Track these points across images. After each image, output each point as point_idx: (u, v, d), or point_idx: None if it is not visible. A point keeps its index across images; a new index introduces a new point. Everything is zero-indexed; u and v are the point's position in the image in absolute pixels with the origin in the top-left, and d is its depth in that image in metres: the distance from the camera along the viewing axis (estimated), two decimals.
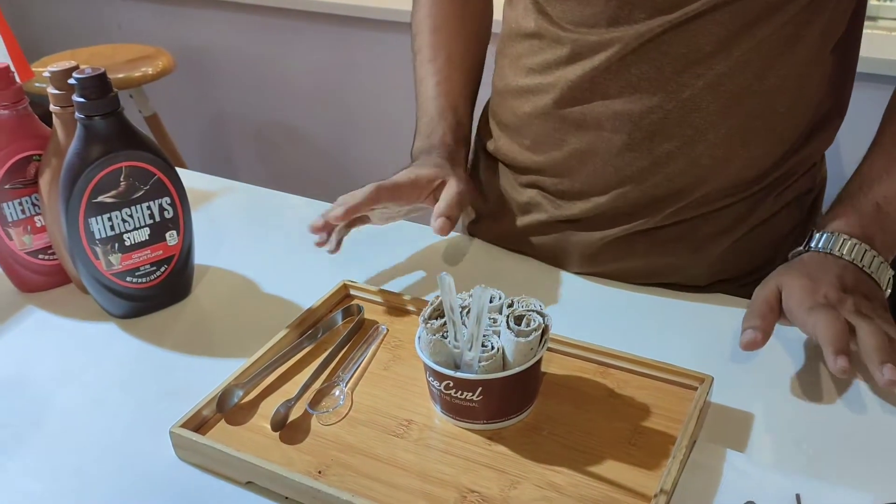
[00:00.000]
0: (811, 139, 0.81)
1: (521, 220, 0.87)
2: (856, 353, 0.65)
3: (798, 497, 0.56)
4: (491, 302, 0.65)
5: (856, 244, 0.71)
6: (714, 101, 0.74)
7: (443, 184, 0.82)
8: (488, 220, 0.93)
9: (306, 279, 0.84)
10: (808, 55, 0.75)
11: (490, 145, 0.92)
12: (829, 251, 0.72)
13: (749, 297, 0.75)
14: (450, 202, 0.80)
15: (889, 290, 0.73)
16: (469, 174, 0.95)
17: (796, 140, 0.80)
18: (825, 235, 0.73)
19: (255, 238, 0.95)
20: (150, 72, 2.20)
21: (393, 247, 0.91)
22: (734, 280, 0.84)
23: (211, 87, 2.67)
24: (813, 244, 0.74)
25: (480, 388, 0.60)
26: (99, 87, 0.71)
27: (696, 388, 0.65)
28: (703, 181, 0.78)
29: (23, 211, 0.81)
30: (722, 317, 0.77)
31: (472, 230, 0.96)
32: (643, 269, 0.82)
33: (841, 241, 0.72)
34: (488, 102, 0.94)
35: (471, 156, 0.98)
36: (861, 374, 0.68)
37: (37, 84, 2.00)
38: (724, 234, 0.81)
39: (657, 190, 0.79)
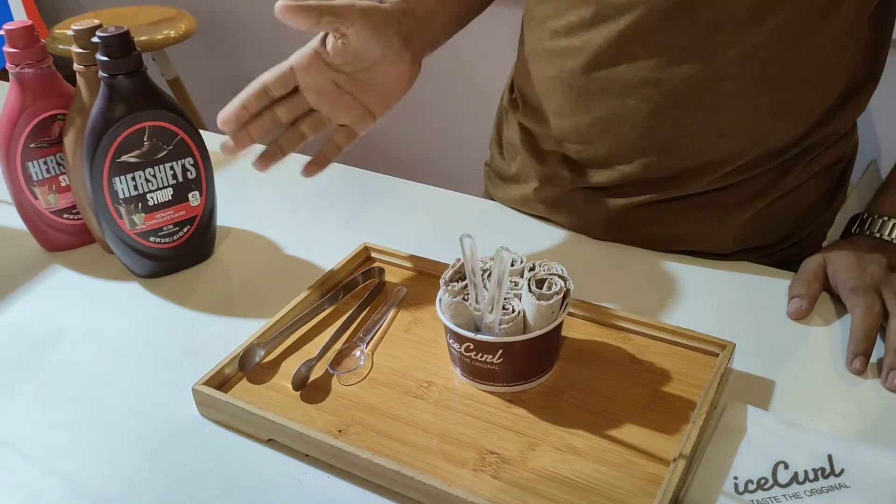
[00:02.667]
0: (842, 108, 0.79)
1: (545, 187, 0.87)
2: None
3: (830, 457, 0.56)
4: (512, 265, 0.64)
5: None
6: (744, 70, 0.73)
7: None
8: (512, 183, 0.92)
9: (327, 241, 0.85)
10: (844, 24, 0.73)
11: (513, 109, 0.91)
12: (879, 235, 0.74)
13: (775, 265, 0.74)
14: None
15: None
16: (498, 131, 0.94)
17: (828, 110, 0.78)
18: (876, 219, 0.74)
19: (276, 200, 0.95)
20: (173, 34, 2.20)
21: (413, 210, 0.91)
22: (760, 249, 0.83)
23: (232, 50, 2.66)
24: (864, 228, 0.75)
25: (501, 351, 0.61)
26: (122, 46, 0.71)
27: (717, 355, 0.65)
28: (729, 152, 0.77)
29: (48, 170, 0.81)
30: (745, 284, 0.77)
31: (496, 194, 0.95)
32: (667, 236, 0.81)
33: (891, 226, 0.74)
34: (514, 70, 0.93)
35: (495, 119, 0.97)
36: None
37: (60, 46, 2.01)
38: (749, 203, 0.80)
39: (683, 160, 0.78)
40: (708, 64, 0.73)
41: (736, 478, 0.55)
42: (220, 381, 0.64)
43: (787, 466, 0.56)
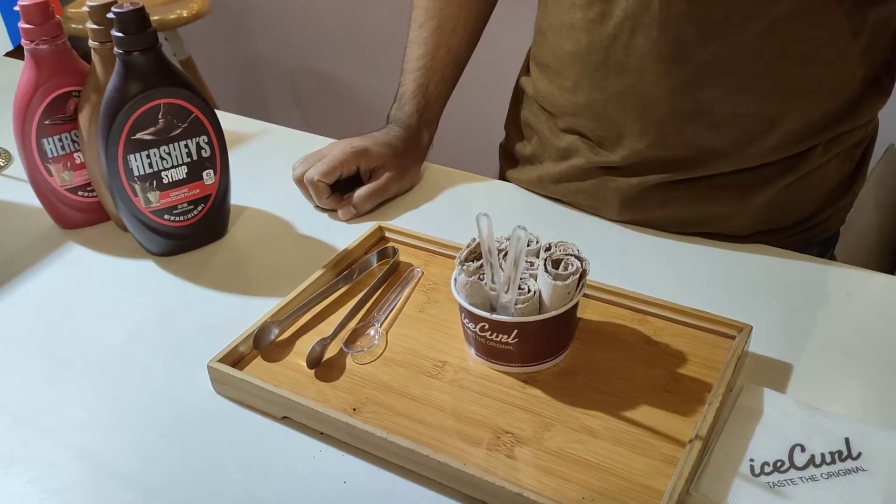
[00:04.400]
0: (862, 100, 0.78)
1: (560, 166, 0.86)
2: None
3: (847, 441, 0.55)
4: (528, 246, 0.64)
5: None
6: (763, 47, 0.72)
7: (379, 169, 0.87)
8: (527, 164, 0.92)
9: (340, 221, 0.84)
10: (860, 7, 0.72)
11: (529, 88, 0.90)
12: None
13: (793, 248, 0.73)
14: (369, 194, 0.86)
15: None
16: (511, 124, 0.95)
17: (847, 97, 0.77)
18: None
19: (290, 180, 0.94)
20: (185, 14, 2.19)
21: (427, 191, 0.91)
22: (778, 231, 0.82)
23: (245, 30, 2.65)
24: None
25: (516, 331, 0.60)
26: (137, 22, 0.70)
27: (734, 337, 0.64)
28: (746, 131, 0.76)
29: (62, 147, 0.81)
30: (762, 266, 0.76)
31: (510, 175, 0.95)
32: (684, 217, 0.81)
33: None
34: (531, 48, 0.92)
35: (511, 100, 0.96)
36: None
37: (72, 25, 2.00)
38: (768, 184, 0.79)
39: (700, 139, 0.77)
40: (727, 40, 0.72)
41: (752, 460, 0.55)
42: (235, 359, 0.65)
43: (803, 449, 0.55)
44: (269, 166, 0.97)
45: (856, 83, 0.77)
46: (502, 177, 0.98)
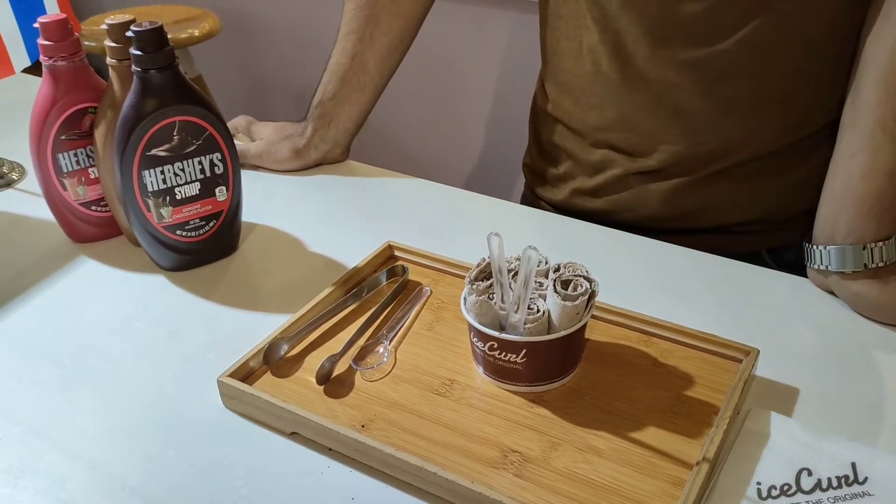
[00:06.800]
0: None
1: (596, 178, 0.87)
2: None
3: (854, 465, 0.56)
4: (537, 266, 0.65)
5: None
6: (780, 37, 0.74)
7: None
8: (560, 183, 0.93)
9: (351, 239, 0.85)
10: None
11: (550, 109, 0.91)
12: None
13: (803, 239, 0.76)
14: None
15: None
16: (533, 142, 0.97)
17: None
18: None
19: (300, 198, 0.96)
20: (197, 34, 2.21)
21: (436, 210, 0.92)
22: (810, 212, 0.84)
23: (254, 51, 2.67)
24: None
25: (525, 350, 0.61)
26: (156, 41, 0.72)
27: (741, 361, 0.65)
28: (772, 118, 0.79)
29: (77, 162, 0.82)
30: (770, 287, 0.76)
31: (541, 194, 0.96)
32: (722, 205, 0.84)
33: None
34: (543, 70, 0.93)
35: (529, 123, 0.98)
36: None
37: (86, 42, 2.02)
38: (800, 165, 0.82)
39: (730, 131, 0.80)
40: (744, 37, 0.74)
41: (759, 483, 0.55)
42: (245, 374, 0.65)
43: (810, 473, 0.55)
44: (279, 184, 0.98)
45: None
46: (531, 195, 0.99)
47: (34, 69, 1.14)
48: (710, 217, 0.85)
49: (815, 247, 0.75)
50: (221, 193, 0.80)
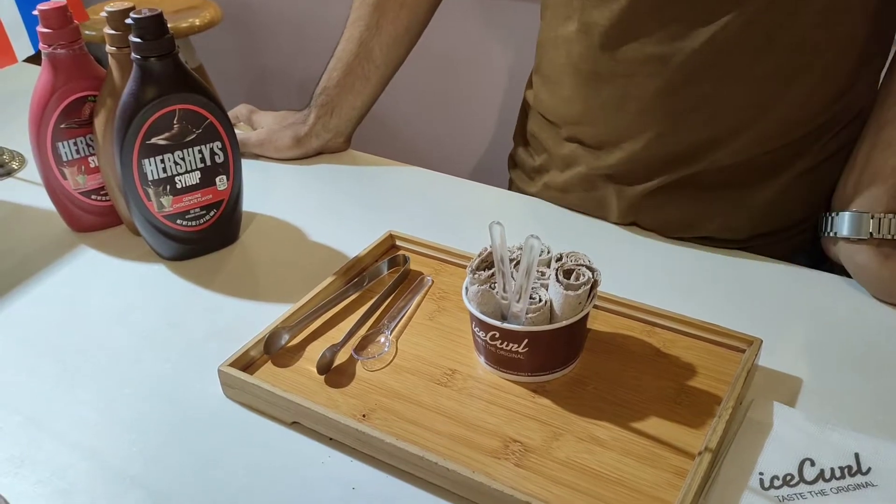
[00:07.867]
0: (856, 83, 0.79)
1: (564, 174, 0.88)
2: None
3: (857, 456, 0.55)
4: (540, 256, 0.64)
5: None
6: (750, 38, 0.73)
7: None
8: (535, 175, 0.93)
9: (352, 228, 0.85)
10: None
11: (532, 100, 0.92)
12: None
13: (793, 251, 0.74)
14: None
15: None
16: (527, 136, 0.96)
17: (841, 81, 0.77)
18: None
19: (301, 187, 0.95)
20: (198, 23, 2.20)
21: (437, 200, 0.91)
22: (776, 234, 0.83)
23: (255, 41, 2.66)
24: None
25: (527, 340, 0.60)
26: (155, 28, 0.71)
27: (744, 350, 0.64)
28: (741, 121, 0.77)
29: (77, 151, 0.82)
30: (772, 278, 0.76)
31: (519, 186, 0.96)
32: (682, 221, 0.82)
33: None
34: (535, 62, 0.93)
35: (519, 113, 0.98)
36: None
37: (87, 32, 2.02)
38: (767, 180, 0.81)
39: (695, 135, 0.78)
40: (712, 35, 0.73)
41: (762, 473, 0.55)
42: (246, 363, 0.65)
43: (813, 464, 0.55)
44: (280, 173, 0.98)
45: (848, 68, 0.77)
46: (511, 187, 0.99)
47: (36, 59, 1.14)
48: (668, 230, 0.83)
49: (829, 214, 0.77)
50: (222, 182, 0.80)
